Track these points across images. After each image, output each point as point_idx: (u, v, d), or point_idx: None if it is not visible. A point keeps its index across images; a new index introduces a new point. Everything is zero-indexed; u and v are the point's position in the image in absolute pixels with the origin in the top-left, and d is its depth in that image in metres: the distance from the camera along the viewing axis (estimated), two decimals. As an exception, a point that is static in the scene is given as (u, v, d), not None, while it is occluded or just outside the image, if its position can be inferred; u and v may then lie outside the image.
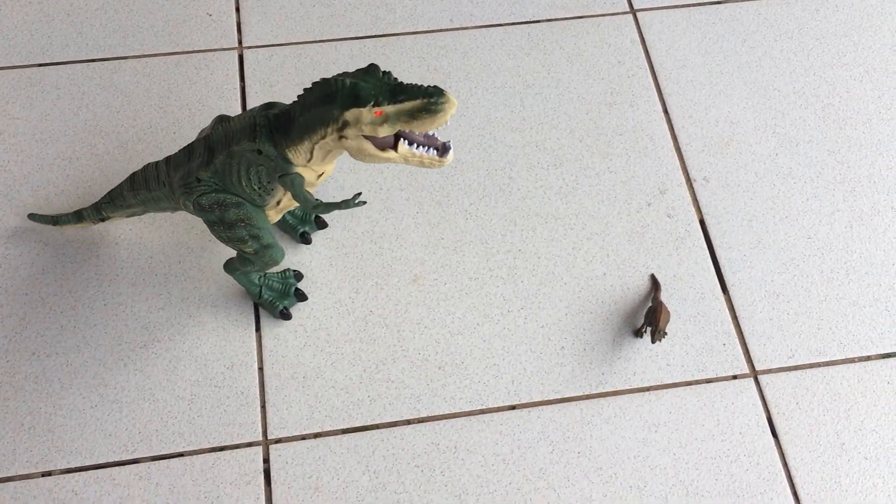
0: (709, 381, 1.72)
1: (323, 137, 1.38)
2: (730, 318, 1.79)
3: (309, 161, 1.43)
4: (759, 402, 1.70)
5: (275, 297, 1.72)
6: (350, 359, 1.72)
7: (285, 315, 1.73)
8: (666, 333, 1.74)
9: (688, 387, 1.71)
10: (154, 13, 2.14)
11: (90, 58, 2.07)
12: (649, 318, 1.72)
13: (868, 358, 1.75)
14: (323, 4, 2.17)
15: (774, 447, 1.65)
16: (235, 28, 2.13)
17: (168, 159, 1.56)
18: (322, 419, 1.66)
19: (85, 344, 1.71)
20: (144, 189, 1.60)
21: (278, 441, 1.64)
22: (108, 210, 1.68)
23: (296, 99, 1.39)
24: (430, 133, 1.39)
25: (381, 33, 2.13)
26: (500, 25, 2.16)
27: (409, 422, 1.66)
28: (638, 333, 1.75)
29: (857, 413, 1.69)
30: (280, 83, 2.04)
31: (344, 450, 1.63)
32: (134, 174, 1.62)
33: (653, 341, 1.68)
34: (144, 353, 1.71)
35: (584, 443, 1.65)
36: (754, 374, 1.73)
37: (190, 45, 2.09)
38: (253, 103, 2.01)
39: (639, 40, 2.15)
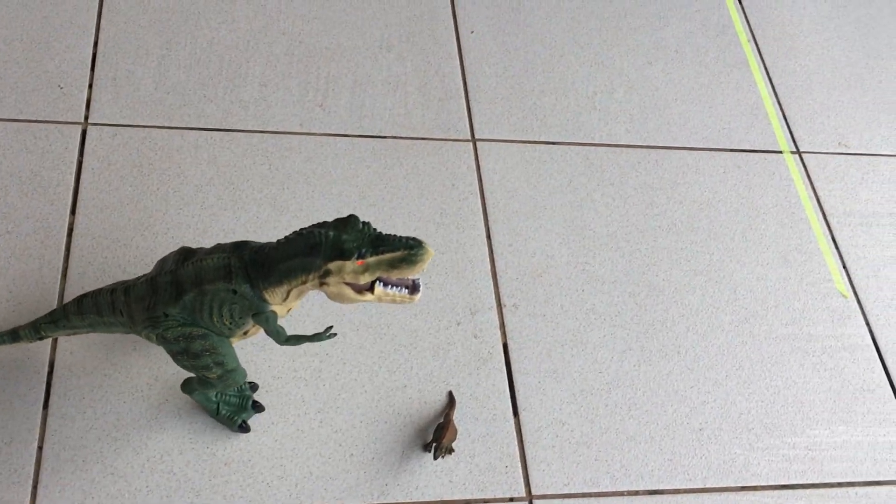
0: (486, 501, 1.79)
1: (304, 283, 1.45)
2: (516, 441, 1.88)
3: (284, 300, 1.50)
4: (530, 526, 1.78)
5: (232, 412, 1.74)
6: (135, 446, 1.71)
7: (244, 428, 1.74)
8: (452, 451, 1.81)
9: (465, 505, 1.78)
10: (3, 78, 2.15)
11: (-73, 112, 2.05)
12: (437, 433, 1.79)
13: (636, 493, 1.87)
14: (177, 92, 2.24)
15: (537, 572, 1.73)
16: (84, 103, 2.16)
17: (126, 289, 1.55)
18: (94, 506, 1.64)
19: None
20: (94, 314, 1.58)
21: (43, 525, 1.60)
22: (48, 330, 1.63)
23: (274, 244, 1.45)
24: None
25: (230, 128, 2.21)
26: (347, 136, 2.27)
27: (183, 516, 1.66)
28: (427, 447, 1.82)
29: (619, 544, 1.79)
30: (119, 163, 2.08)
31: (111, 540, 1.61)
32: (82, 297, 1.59)
33: (434, 457, 1.75)
34: (-81, 419, 1.66)
35: (356, 552, 1.68)
36: (530, 498, 1.82)
37: (34, 114, 2.11)
38: (88, 179, 2.04)
39: (475, 167, 2.30)
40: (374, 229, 1.45)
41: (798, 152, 2.55)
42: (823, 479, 1.96)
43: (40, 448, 1.68)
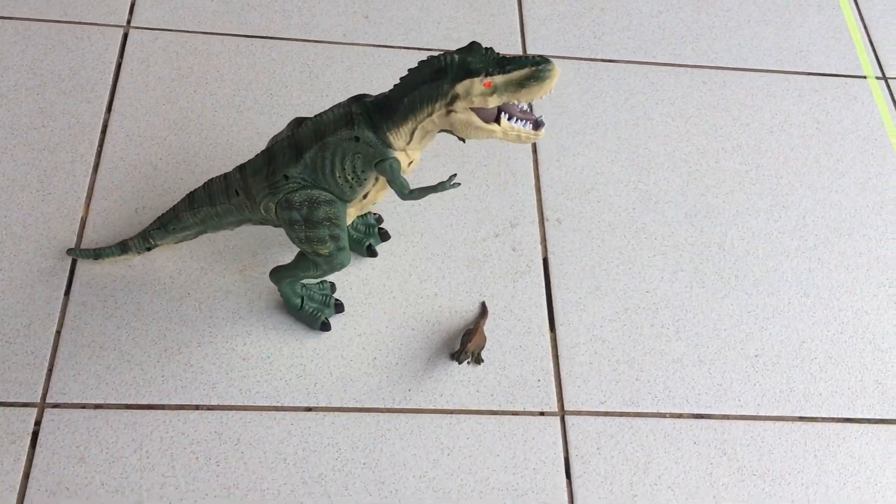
0: (515, 413, 1.68)
1: (430, 114, 1.41)
2: (550, 356, 1.76)
3: (408, 144, 1.45)
4: (560, 442, 1.66)
5: (316, 309, 1.69)
6: (154, 336, 1.67)
7: (326, 326, 1.70)
8: (481, 360, 1.71)
9: (492, 416, 1.67)
10: (51, -19, 2.15)
11: (-24, 12, 2.07)
12: (464, 339, 1.69)
13: (680, 415, 1.72)
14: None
15: (565, 488, 1.60)
16: (128, 7, 2.14)
17: (242, 168, 1.52)
18: (107, 391, 1.60)
19: None
20: (207, 205, 1.55)
21: (56, 406, 1.58)
22: (158, 237, 1.62)
23: (396, 83, 1.43)
24: (526, 108, 1.44)
25: (271, 35, 2.15)
26: (391, 47, 2.19)
27: (197, 407, 1.61)
28: (455, 356, 1.72)
29: (656, 468, 1.65)
30: (157, 65, 2.05)
31: (122, 425, 1.57)
32: (192, 193, 1.57)
33: (459, 362, 1.65)
34: (-56, 298, 1.66)
35: (372, 455, 1.60)
36: (562, 413, 1.69)
37: (77, 15, 2.10)
38: (126, 80, 2.01)
39: (524, 83, 2.17)
40: (498, 53, 1.37)
41: (884, 78, 2.33)
42: (895, 415, 1.77)
43: (58, 333, 1.66)
